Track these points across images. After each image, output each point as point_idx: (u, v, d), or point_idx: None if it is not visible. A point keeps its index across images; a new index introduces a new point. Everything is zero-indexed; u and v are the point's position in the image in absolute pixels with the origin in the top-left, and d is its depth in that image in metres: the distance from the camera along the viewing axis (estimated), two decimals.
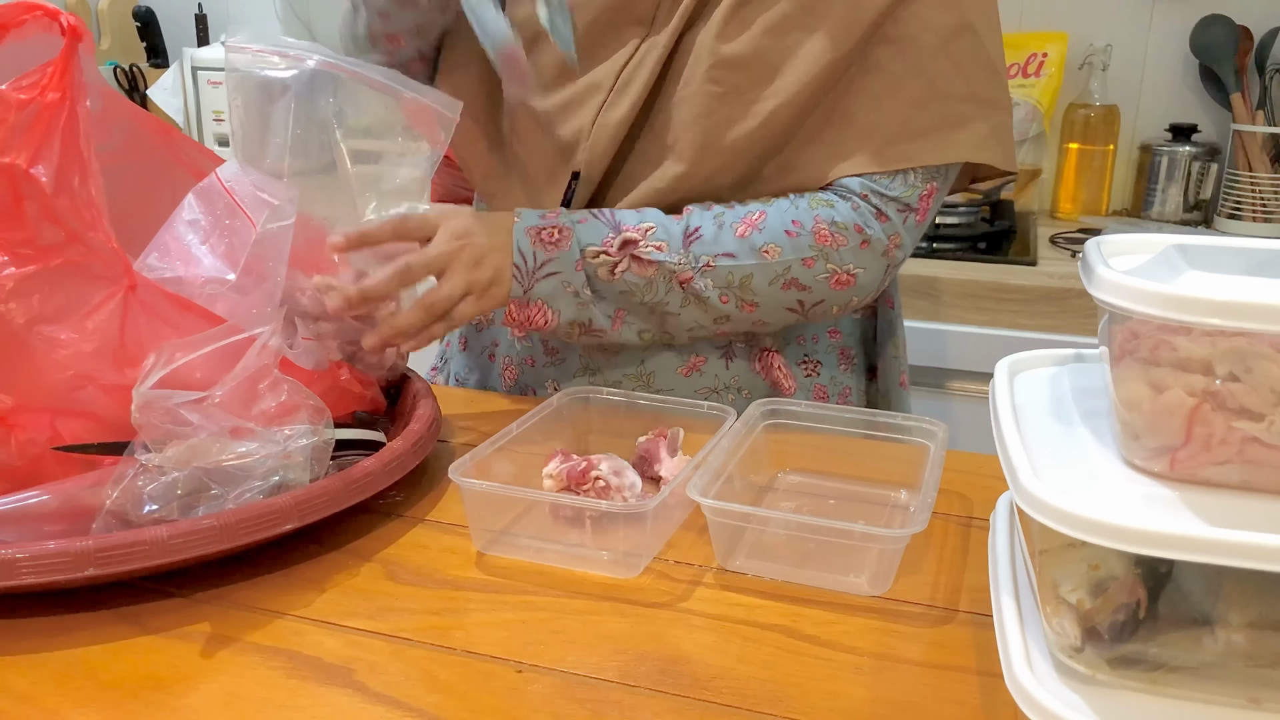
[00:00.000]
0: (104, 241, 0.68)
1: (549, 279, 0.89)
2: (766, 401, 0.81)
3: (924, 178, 0.92)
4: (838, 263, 0.91)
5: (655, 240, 0.90)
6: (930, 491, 0.67)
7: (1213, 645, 0.48)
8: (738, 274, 0.90)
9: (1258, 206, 1.86)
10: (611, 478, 0.73)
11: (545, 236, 0.89)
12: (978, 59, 0.91)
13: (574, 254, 0.89)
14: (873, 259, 0.92)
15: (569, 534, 0.71)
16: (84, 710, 0.54)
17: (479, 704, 0.55)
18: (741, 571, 0.67)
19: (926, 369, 1.61)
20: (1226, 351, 0.47)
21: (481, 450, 0.73)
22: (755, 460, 0.78)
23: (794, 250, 0.90)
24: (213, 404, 0.67)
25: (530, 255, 0.88)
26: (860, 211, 0.91)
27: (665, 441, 0.79)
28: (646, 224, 0.90)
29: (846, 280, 0.92)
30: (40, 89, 0.66)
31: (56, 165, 0.66)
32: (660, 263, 0.89)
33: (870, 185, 0.91)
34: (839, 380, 1.03)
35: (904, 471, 0.77)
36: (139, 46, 2.37)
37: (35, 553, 0.59)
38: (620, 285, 0.90)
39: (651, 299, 0.91)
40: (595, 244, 0.89)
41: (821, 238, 0.90)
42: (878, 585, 0.65)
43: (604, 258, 0.89)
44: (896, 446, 0.78)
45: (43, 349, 0.66)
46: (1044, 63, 1.95)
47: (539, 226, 0.89)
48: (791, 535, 0.68)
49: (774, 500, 0.77)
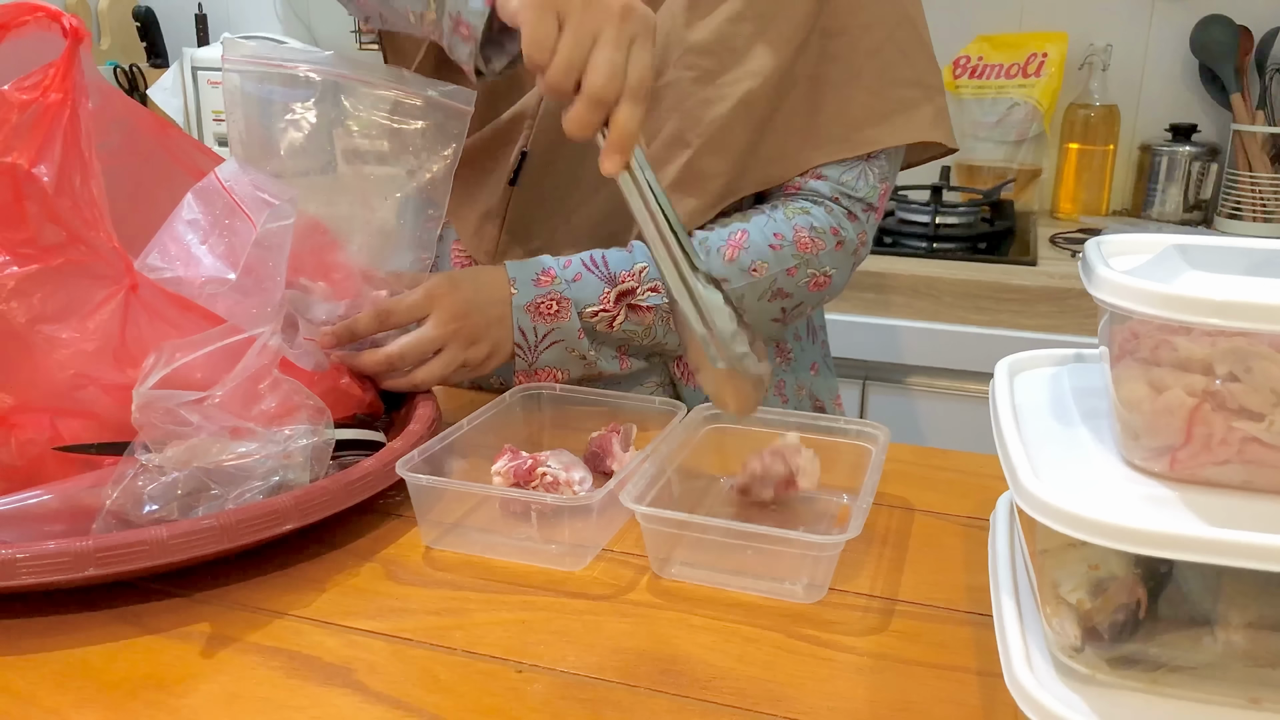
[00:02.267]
0: (105, 241, 0.68)
1: (553, 348, 0.90)
2: (709, 405, 0.80)
3: (880, 176, 0.97)
4: (817, 266, 0.94)
5: (649, 283, 0.91)
6: (867, 496, 0.66)
7: (1213, 645, 0.48)
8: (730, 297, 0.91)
9: (1258, 206, 1.86)
10: (560, 473, 0.74)
11: (544, 310, 0.89)
12: (918, 46, 0.97)
13: (574, 324, 0.90)
14: (844, 259, 0.96)
15: (518, 528, 0.72)
16: (84, 710, 0.54)
17: (479, 704, 0.55)
18: (677, 579, 0.67)
19: (927, 369, 1.62)
20: (1226, 351, 0.47)
21: (431, 446, 0.73)
22: (696, 463, 0.78)
23: (778, 262, 0.93)
24: (213, 404, 0.67)
25: (531, 331, 0.89)
26: (834, 214, 0.95)
27: (618, 437, 0.80)
28: (639, 264, 0.91)
29: (823, 282, 0.96)
30: (42, 90, 0.66)
31: (58, 165, 0.66)
32: (656, 306, 0.91)
33: (839, 188, 0.95)
34: (775, 374, 1.04)
35: (846, 475, 0.76)
36: (139, 46, 2.37)
37: (35, 553, 0.59)
38: (619, 335, 0.92)
39: (650, 342, 0.93)
40: (592, 303, 0.90)
41: (803, 245, 0.93)
42: (813, 593, 0.65)
43: (602, 314, 0.90)
44: (838, 449, 0.77)
45: (43, 348, 0.66)
46: (1044, 63, 1.95)
47: (536, 300, 0.88)
48: (727, 542, 0.67)
49: (713, 505, 0.76)
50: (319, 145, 0.84)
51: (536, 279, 0.89)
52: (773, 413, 0.80)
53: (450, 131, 0.87)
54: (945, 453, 0.86)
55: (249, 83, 0.83)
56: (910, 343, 1.60)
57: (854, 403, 1.66)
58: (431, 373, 0.84)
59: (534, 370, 0.91)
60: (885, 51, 0.94)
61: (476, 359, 0.87)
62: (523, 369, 0.91)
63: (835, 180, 0.95)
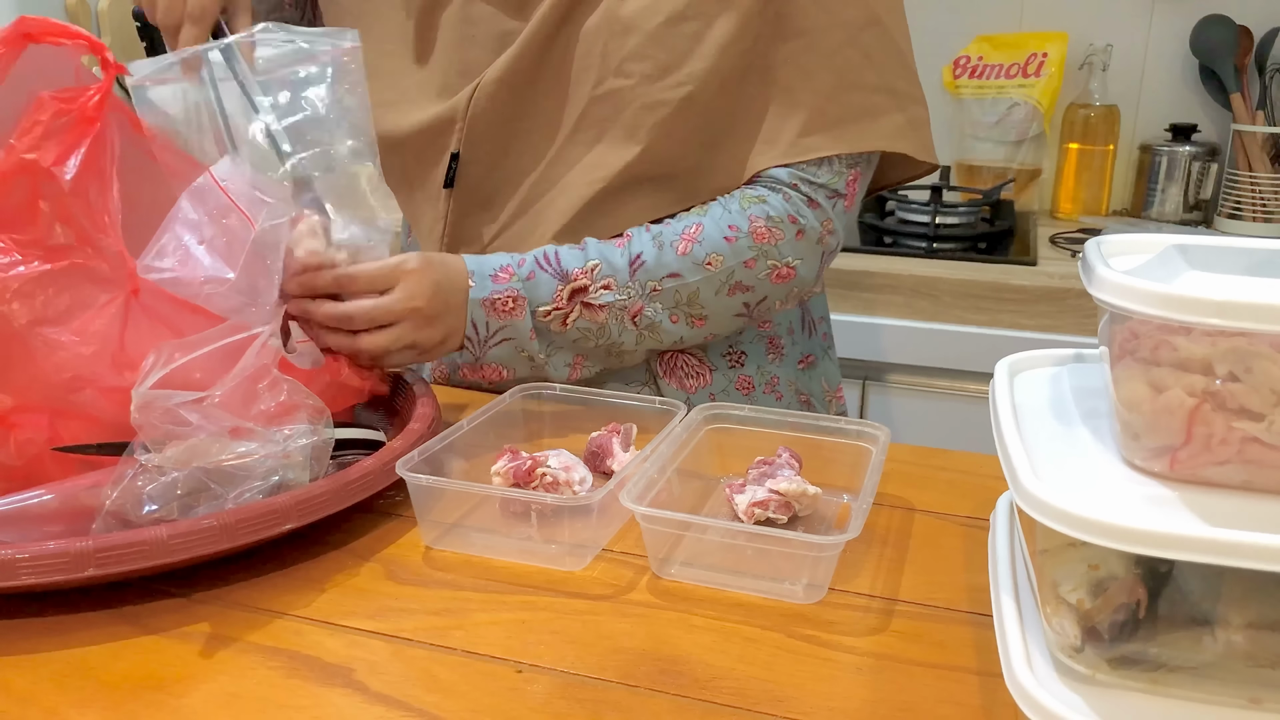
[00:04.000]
0: (112, 245, 0.68)
1: (502, 345, 0.91)
2: (709, 406, 0.80)
3: (847, 163, 0.94)
4: (777, 257, 0.93)
5: (602, 279, 0.90)
6: (867, 497, 0.66)
7: (1213, 645, 0.48)
8: (684, 291, 0.91)
9: (1258, 206, 1.86)
10: (560, 473, 0.74)
11: (500, 306, 0.89)
12: (887, 51, 0.93)
13: (527, 323, 0.90)
14: (809, 248, 0.94)
15: (518, 528, 0.72)
16: (84, 710, 0.54)
17: (479, 704, 0.55)
18: (676, 579, 0.67)
19: (927, 369, 1.62)
20: (1226, 351, 0.47)
21: (431, 446, 0.73)
22: (696, 463, 0.78)
23: (734, 255, 0.91)
24: (212, 404, 0.67)
25: (483, 325, 0.89)
26: (792, 201, 0.93)
27: (618, 437, 0.80)
28: (591, 261, 0.91)
29: (787, 273, 0.94)
30: (78, 105, 0.67)
31: (78, 170, 0.67)
32: (609, 304, 0.90)
33: (798, 174, 0.93)
34: (766, 370, 1.03)
35: (846, 475, 0.76)
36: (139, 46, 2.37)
37: (35, 553, 0.59)
38: (573, 334, 0.92)
39: (605, 341, 0.93)
40: (546, 301, 0.90)
41: (759, 236, 0.92)
42: (813, 593, 0.65)
43: (555, 313, 0.90)
44: (839, 449, 0.77)
45: (43, 350, 0.66)
46: (1044, 63, 1.95)
47: (492, 296, 0.89)
48: (726, 543, 0.68)
49: (713, 506, 0.76)
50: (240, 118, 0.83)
51: (494, 274, 0.89)
52: (772, 413, 0.80)
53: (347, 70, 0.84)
54: (945, 453, 0.86)
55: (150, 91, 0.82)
56: (910, 343, 1.60)
57: (854, 402, 1.66)
58: (377, 343, 0.83)
59: (480, 365, 0.91)
60: (845, 54, 0.91)
61: (428, 342, 0.87)
62: (469, 362, 0.91)
63: (795, 166, 0.93)
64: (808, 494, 0.71)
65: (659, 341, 0.94)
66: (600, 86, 0.91)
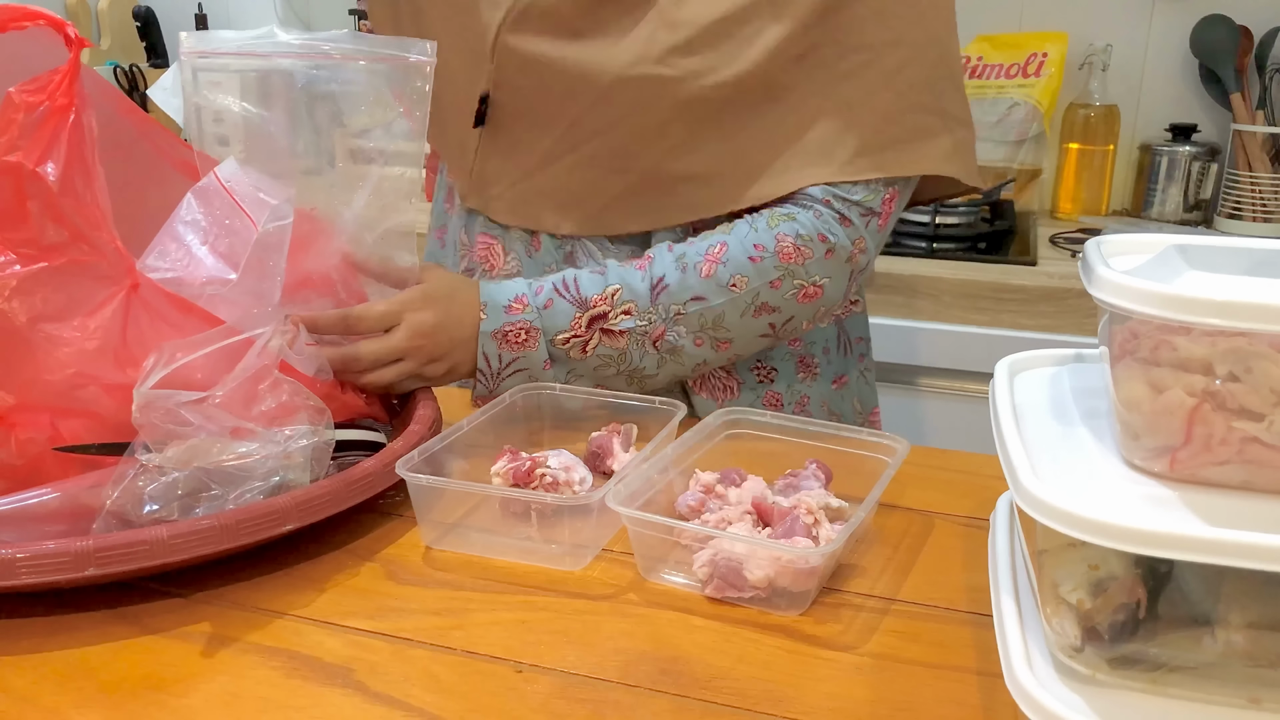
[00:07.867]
0: (108, 241, 0.68)
1: (515, 376, 0.89)
2: (728, 411, 0.80)
3: (885, 182, 0.91)
4: (804, 277, 0.89)
5: (623, 305, 0.88)
6: (864, 512, 0.65)
7: (1213, 645, 0.48)
8: (709, 315, 0.89)
9: (1258, 206, 1.86)
10: (560, 473, 0.74)
11: (512, 338, 0.88)
12: (945, 74, 0.91)
13: (541, 354, 0.89)
14: (837, 267, 0.91)
15: (518, 528, 0.72)
16: (84, 710, 0.54)
17: (479, 704, 0.55)
18: (662, 583, 0.66)
19: (926, 369, 1.62)
20: (1226, 351, 0.47)
21: (431, 446, 0.73)
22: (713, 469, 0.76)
23: (760, 276, 0.89)
24: (213, 404, 0.67)
25: (495, 357, 0.88)
26: (823, 218, 0.89)
27: (619, 437, 0.80)
28: (611, 286, 0.89)
29: (814, 292, 0.91)
30: (48, 94, 0.66)
31: (62, 166, 0.66)
32: (630, 330, 0.89)
33: (832, 191, 0.90)
34: (796, 389, 1.01)
35: (862, 486, 0.74)
36: (139, 46, 2.37)
37: (35, 553, 0.59)
38: (594, 360, 0.90)
39: (627, 367, 0.91)
40: (563, 329, 0.89)
41: (785, 255, 0.88)
42: (796, 605, 0.63)
43: (574, 340, 0.89)
44: (857, 460, 0.76)
45: (44, 347, 0.66)
46: (1044, 63, 1.95)
47: (505, 328, 0.88)
48: None
49: None
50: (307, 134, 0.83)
51: (508, 306, 0.88)
52: (794, 420, 0.79)
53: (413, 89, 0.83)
54: (945, 453, 0.86)
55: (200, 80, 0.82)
56: (910, 343, 1.60)
57: None
58: (383, 379, 0.84)
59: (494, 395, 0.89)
60: (906, 74, 0.88)
61: (433, 375, 0.87)
62: (483, 394, 0.90)
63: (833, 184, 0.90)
64: (831, 507, 0.70)
65: (681, 365, 0.92)
66: (635, 69, 0.88)
